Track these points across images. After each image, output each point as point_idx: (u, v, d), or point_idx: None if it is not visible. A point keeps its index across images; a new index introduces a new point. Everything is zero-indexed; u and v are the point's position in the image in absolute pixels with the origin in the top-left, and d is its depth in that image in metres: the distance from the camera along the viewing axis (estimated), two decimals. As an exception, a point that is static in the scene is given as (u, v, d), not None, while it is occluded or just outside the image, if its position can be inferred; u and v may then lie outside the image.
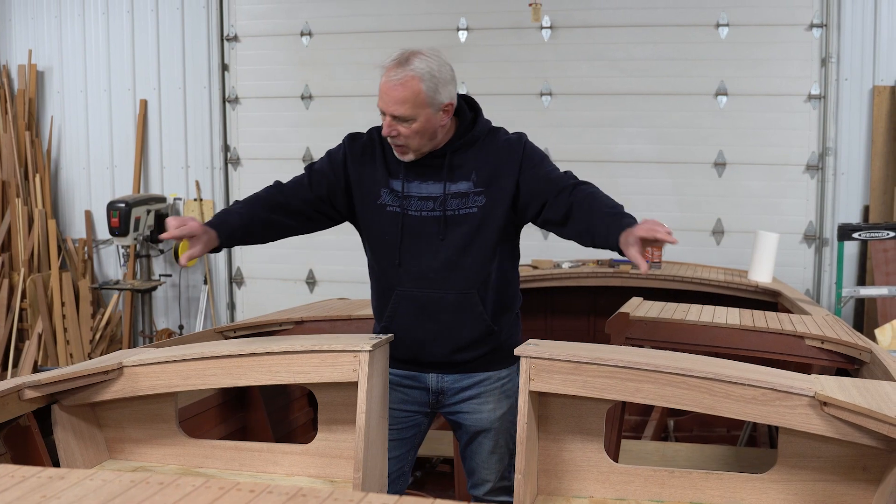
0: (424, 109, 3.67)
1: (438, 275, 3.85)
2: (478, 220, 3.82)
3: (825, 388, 3.24)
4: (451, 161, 3.84)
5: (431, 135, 3.76)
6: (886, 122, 8.48)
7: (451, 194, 3.82)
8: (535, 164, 3.83)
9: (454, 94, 3.78)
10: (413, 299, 3.90)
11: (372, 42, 9.52)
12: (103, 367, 3.84)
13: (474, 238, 3.83)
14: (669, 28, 8.88)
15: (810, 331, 4.85)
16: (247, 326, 5.40)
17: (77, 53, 10.40)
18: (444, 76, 3.70)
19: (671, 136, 8.99)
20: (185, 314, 10.37)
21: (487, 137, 3.89)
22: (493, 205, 3.81)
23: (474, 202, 3.81)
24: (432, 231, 3.84)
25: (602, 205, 3.82)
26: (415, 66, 3.65)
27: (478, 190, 3.81)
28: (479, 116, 3.93)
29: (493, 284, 3.89)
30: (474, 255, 3.84)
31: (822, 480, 3.27)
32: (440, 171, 3.85)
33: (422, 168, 3.86)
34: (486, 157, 3.84)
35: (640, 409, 6.88)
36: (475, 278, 3.85)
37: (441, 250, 3.84)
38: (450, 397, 4.01)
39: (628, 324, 4.93)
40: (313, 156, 9.76)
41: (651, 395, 3.36)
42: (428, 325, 3.90)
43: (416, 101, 3.65)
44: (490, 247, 3.84)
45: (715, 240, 9.00)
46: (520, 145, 3.85)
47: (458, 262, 3.83)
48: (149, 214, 9.59)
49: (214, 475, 3.79)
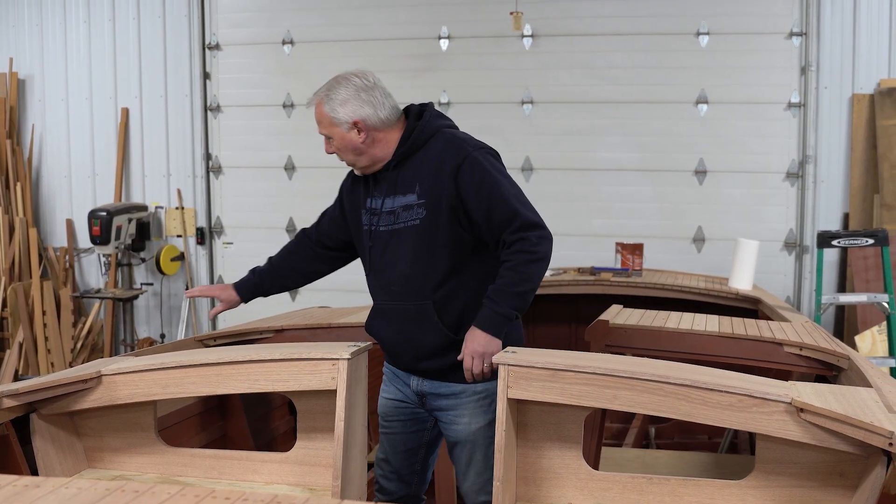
0: (334, 128, 3.87)
1: (397, 287, 3.93)
2: (421, 233, 3.85)
3: (802, 394, 3.25)
4: (397, 174, 3.91)
5: (356, 150, 3.89)
6: (866, 130, 8.53)
7: (401, 207, 3.89)
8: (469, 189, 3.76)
9: (362, 112, 3.84)
10: (382, 310, 4.05)
11: (354, 50, 9.53)
12: (82, 376, 3.83)
13: (420, 250, 3.86)
14: (650, 37, 8.92)
15: (789, 338, 4.86)
16: (227, 335, 5.39)
17: (58, 62, 10.38)
18: (340, 96, 3.84)
19: (652, 144, 9.03)
20: (167, 323, 10.35)
21: (430, 144, 3.90)
22: (433, 216, 3.82)
23: (417, 214, 3.84)
24: (391, 244, 3.92)
25: (492, 290, 3.76)
26: (319, 91, 3.90)
27: (420, 202, 3.84)
28: (418, 125, 3.92)
29: (456, 296, 3.88)
30: (423, 267, 3.86)
31: (799, 486, 3.28)
32: (391, 184, 3.93)
33: (382, 184, 3.95)
34: (428, 166, 3.85)
35: (622, 416, 6.88)
36: (429, 289, 3.87)
37: (398, 263, 3.91)
38: (430, 402, 4.03)
39: (608, 331, 4.94)
40: (295, 164, 9.76)
41: (628, 401, 3.36)
42: (394, 334, 4.01)
43: (323, 122, 3.89)
44: (441, 258, 3.84)
45: (696, 247, 9.03)
46: (459, 157, 3.80)
47: (411, 274, 3.88)
48: (130, 223, 9.58)
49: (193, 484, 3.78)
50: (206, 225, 10.15)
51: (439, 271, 3.84)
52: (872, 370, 4.29)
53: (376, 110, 3.85)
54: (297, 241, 4.42)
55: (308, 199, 9.81)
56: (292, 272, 4.43)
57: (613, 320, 5.01)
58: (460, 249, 3.84)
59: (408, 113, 4.00)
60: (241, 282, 4.51)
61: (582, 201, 9.15)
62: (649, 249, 8.13)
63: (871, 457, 3.07)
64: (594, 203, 9.08)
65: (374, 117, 3.85)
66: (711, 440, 6.75)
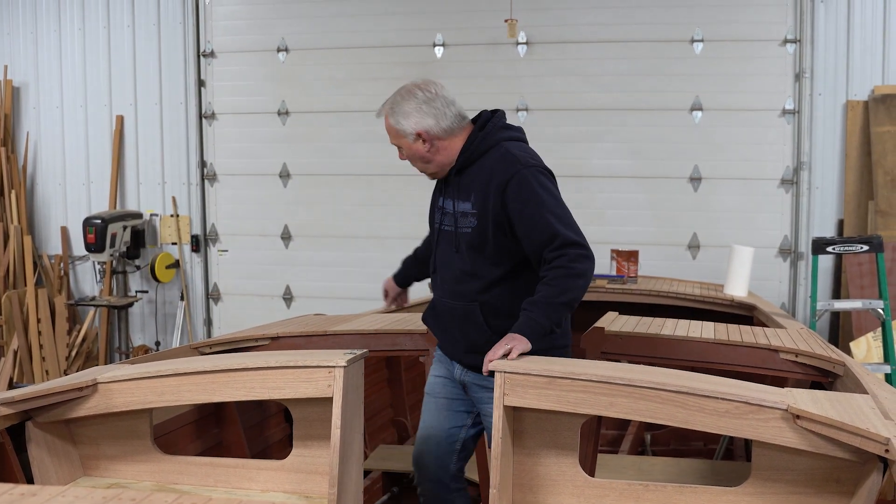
0: (401, 139, 4.12)
1: (450, 286, 4.20)
2: (471, 240, 4.06)
3: (798, 401, 3.25)
4: (459, 180, 4.14)
5: (423, 159, 4.14)
6: (860, 136, 8.54)
7: (460, 213, 4.12)
8: (515, 207, 3.93)
9: (424, 124, 4.06)
10: (434, 304, 4.35)
11: (348, 58, 9.54)
12: (77, 384, 3.82)
13: (469, 256, 4.08)
14: (645, 44, 8.93)
15: (784, 344, 4.87)
16: (222, 342, 5.38)
17: (53, 69, 10.37)
18: (403, 109, 4.07)
19: (646, 150, 9.03)
20: (162, 330, 10.33)
21: (487, 156, 4.09)
22: (481, 227, 4.02)
23: (470, 223, 4.06)
24: (449, 246, 4.19)
25: (530, 302, 3.88)
26: (385, 103, 4.15)
27: (473, 211, 4.05)
28: (479, 136, 4.11)
29: (502, 297, 4.08)
30: (471, 272, 4.09)
31: (795, 493, 3.28)
32: (455, 189, 4.16)
33: (450, 186, 4.19)
34: (481, 178, 4.05)
35: (617, 423, 6.88)
36: (475, 293, 4.10)
37: (451, 264, 4.18)
38: (472, 392, 4.22)
39: (604, 338, 4.95)
40: (290, 172, 9.75)
41: (625, 409, 3.37)
42: (443, 327, 4.31)
43: (391, 133, 4.15)
44: (490, 264, 4.05)
45: (691, 254, 9.03)
46: (508, 174, 3.95)
47: (463, 277, 4.13)
48: (125, 230, 9.57)
49: (189, 491, 3.77)
50: (201, 232, 10.13)
51: (486, 278, 4.07)
52: (868, 376, 4.30)
53: (438, 121, 4.07)
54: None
55: (303, 206, 9.81)
56: None
57: (609, 327, 5.02)
58: (508, 259, 4.05)
59: (476, 119, 4.21)
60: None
61: (576, 208, 8.92)
62: (644, 256, 8.13)
63: (868, 463, 3.07)
64: (589, 210, 9.07)
65: (437, 127, 4.07)
66: (707, 447, 6.75)
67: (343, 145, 9.60)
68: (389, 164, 9.46)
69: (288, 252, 9.96)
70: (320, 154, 9.64)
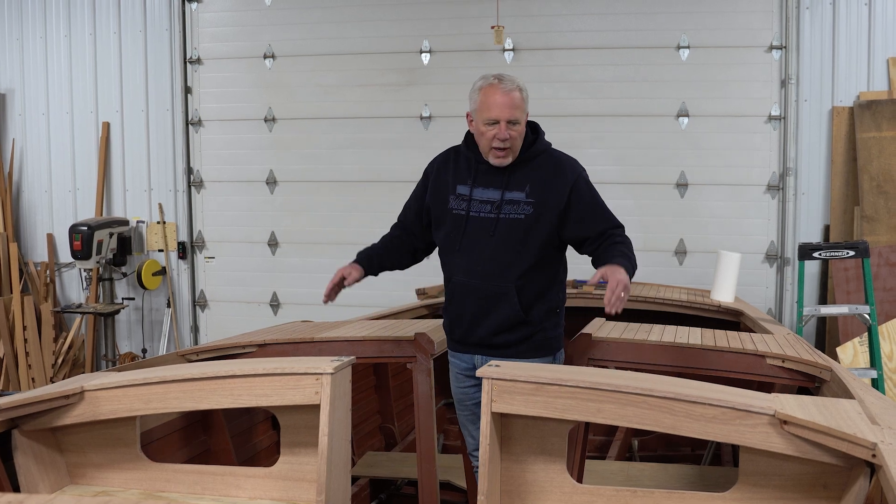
0: (524, 115, 4.45)
1: (485, 267, 4.46)
2: (523, 226, 4.43)
3: (785, 406, 3.26)
4: (511, 173, 4.47)
5: (520, 138, 4.47)
6: (845, 142, 8.57)
7: (506, 201, 4.45)
8: (584, 200, 4.52)
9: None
10: (464, 287, 4.54)
11: (335, 65, 9.54)
12: (64, 392, 3.81)
13: (517, 240, 4.43)
14: (631, 50, 8.95)
15: (771, 350, 4.88)
16: (210, 349, 5.36)
17: (39, 76, 10.35)
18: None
19: (633, 157, 9.05)
20: (149, 337, 10.30)
21: (544, 157, 4.56)
22: (538, 215, 4.43)
23: (523, 210, 4.44)
24: (485, 230, 4.46)
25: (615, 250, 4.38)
26: (515, 79, 4.45)
27: (528, 200, 4.44)
28: (539, 138, 4.60)
29: (534, 281, 4.47)
30: (515, 254, 4.43)
31: (782, 499, 3.29)
32: (501, 180, 4.48)
33: (487, 177, 4.51)
34: (542, 174, 4.49)
35: (605, 429, 6.88)
36: (514, 273, 4.43)
37: (489, 246, 4.45)
38: None
39: (591, 344, 4.96)
40: (277, 178, 9.75)
41: (612, 415, 3.37)
42: (473, 308, 4.51)
43: (518, 106, 4.39)
44: (530, 250, 4.43)
45: (678, 260, 9.05)
46: (573, 175, 4.53)
47: (501, 259, 4.44)
48: (111, 237, 9.55)
49: (177, 499, 3.76)
50: (188, 239, 10.12)
51: (525, 261, 4.44)
52: (854, 381, 4.30)
53: None
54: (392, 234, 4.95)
55: (290, 212, 9.81)
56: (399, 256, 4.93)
57: (596, 333, 5.02)
58: (548, 246, 4.48)
59: None
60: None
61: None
62: (631, 262, 8.13)
63: (855, 468, 3.07)
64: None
65: None
66: (695, 452, 6.76)
67: (330, 152, 9.61)
68: (376, 170, 9.54)
69: (275, 259, 9.95)
70: (307, 161, 9.65)
